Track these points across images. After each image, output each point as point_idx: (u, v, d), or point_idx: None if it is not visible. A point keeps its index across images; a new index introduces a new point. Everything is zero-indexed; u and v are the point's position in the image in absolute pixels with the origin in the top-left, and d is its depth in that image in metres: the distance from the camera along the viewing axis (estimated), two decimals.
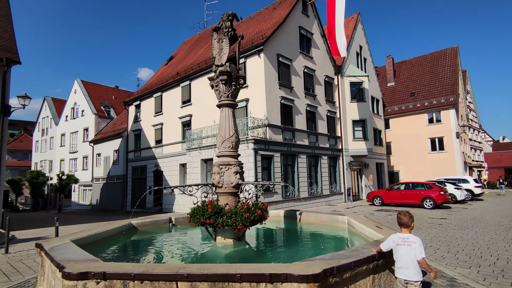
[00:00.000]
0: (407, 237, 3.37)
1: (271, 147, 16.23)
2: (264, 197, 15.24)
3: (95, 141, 30.51)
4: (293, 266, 3.14)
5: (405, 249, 3.33)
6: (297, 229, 7.57)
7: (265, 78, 16.57)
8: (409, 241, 3.32)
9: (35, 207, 35.99)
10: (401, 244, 3.37)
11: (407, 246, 3.32)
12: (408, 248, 3.30)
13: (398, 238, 3.42)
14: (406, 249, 3.32)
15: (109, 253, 5.26)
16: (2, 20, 16.51)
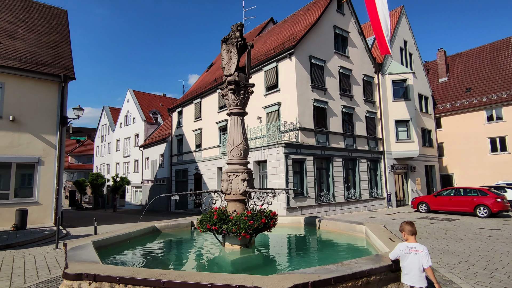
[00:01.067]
0: (414, 246, 3.44)
1: (303, 150, 15.99)
2: (296, 201, 15.07)
3: (144, 146, 32.90)
4: (267, 279, 3.13)
5: (412, 257, 3.40)
6: (313, 237, 7.40)
7: (297, 81, 16.41)
8: (416, 250, 3.40)
9: (96, 206, 39.88)
10: (408, 253, 3.44)
11: (414, 255, 3.40)
12: (416, 256, 3.38)
13: (405, 247, 3.49)
14: (413, 257, 3.40)
15: (123, 255, 5.67)
16: (62, 41, 18.72)
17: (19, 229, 12.70)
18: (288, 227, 8.37)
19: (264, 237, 7.37)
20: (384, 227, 6.36)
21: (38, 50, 16.73)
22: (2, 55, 14.83)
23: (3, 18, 17.55)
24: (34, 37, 17.59)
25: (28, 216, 13.62)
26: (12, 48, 15.71)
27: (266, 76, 18.42)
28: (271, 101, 17.64)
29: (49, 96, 15.54)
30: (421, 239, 9.49)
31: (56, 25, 19.79)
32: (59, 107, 15.70)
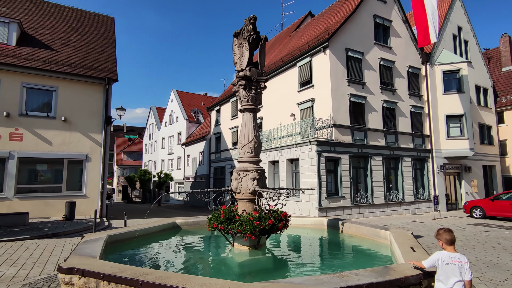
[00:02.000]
0: (458, 257, 3.12)
1: (338, 148, 15.20)
2: (329, 201, 14.40)
3: (185, 144, 34.22)
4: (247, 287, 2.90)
5: (452, 268, 3.07)
6: (333, 241, 6.91)
7: (331, 75, 15.63)
8: (460, 261, 3.08)
9: (144, 200, 42.59)
10: (450, 264, 3.10)
11: (455, 266, 3.07)
12: (457, 268, 3.06)
13: (447, 257, 3.13)
14: (453, 268, 3.07)
15: (135, 251, 5.78)
16: (108, 46, 20.13)
17: (68, 220, 13.94)
18: (310, 228, 7.97)
19: (280, 238, 7.08)
20: (412, 234, 5.68)
21: (86, 55, 18.18)
22: (56, 62, 16.36)
23: (59, 28, 19.38)
24: (84, 43, 19.16)
25: (77, 208, 14.89)
26: (64, 55, 17.26)
27: (300, 72, 17.87)
28: (305, 98, 17.07)
29: (95, 98, 16.79)
30: (465, 249, 8.40)
31: (103, 31, 21.35)
32: (104, 108, 16.91)
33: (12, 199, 14.38)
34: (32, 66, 15.38)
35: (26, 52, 15.98)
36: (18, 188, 14.66)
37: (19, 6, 19.42)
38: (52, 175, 15.75)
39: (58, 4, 21.78)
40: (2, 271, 6.44)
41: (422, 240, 9.76)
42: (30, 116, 15.25)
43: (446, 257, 3.13)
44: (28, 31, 17.54)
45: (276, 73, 19.83)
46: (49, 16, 19.99)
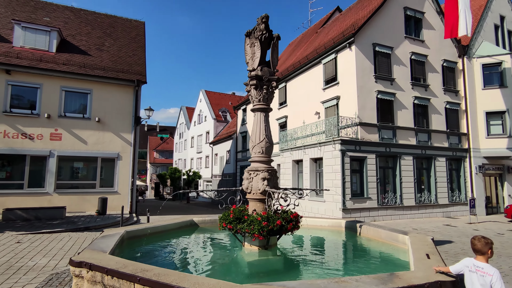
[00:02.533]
0: (482, 267, 2.95)
1: (363, 147, 14.67)
2: (353, 202, 13.96)
3: (213, 143, 34.90)
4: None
5: (477, 279, 2.93)
6: (349, 244, 6.70)
7: (357, 72, 15.12)
8: (484, 272, 2.91)
9: (174, 197, 44.08)
10: (472, 272, 2.99)
11: (480, 276, 2.92)
12: (481, 279, 2.90)
13: (471, 264, 3.03)
14: (477, 279, 2.92)
15: (149, 247, 5.97)
16: (138, 50, 21.05)
17: (100, 214, 14.81)
18: (328, 230, 7.78)
19: (294, 240, 6.99)
20: (432, 240, 5.34)
21: (118, 59, 19.14)
22: (91, 66, 17.40)
23: (95, 34, 20.59)
24: (116, 48, 20.19)
25: (109, 204, 15.77)
26: (99, 59, 18.31)
27: (324, 69, 17.48)
28: (330, 95, 16.67)
29: (126, 99, 17.64)
30: (500, 257, 7.75)
31: (135, 35, 22.35)
32: (133, 108, 17.72)
33: (52, 194, 15.55)
34: (70, 70, 16.49)
35: (65, 58, 17.16)
36: (57, 184, 15.82)
37: (60, 15, 20.90)
38: (88, 172, 16.81)
39: (94, 12, 23.15)
40: (35, 260, 6.99)
41: (452, 246, 9.16)
42: (68, 117, 16.37)
43: (470, 264, 3.03)
44: (67, 38, 18.82)
45: (301, 71, 19.57)
46: (85, 23, 21.30)
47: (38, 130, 15.66)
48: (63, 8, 21.93)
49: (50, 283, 5.42)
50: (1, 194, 14.70)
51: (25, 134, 15.42)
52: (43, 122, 15.76)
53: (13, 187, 15.10)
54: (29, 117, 15.56)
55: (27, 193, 15.14)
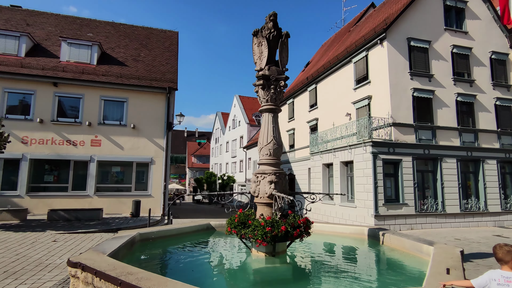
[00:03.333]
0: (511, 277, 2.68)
1: (398, 150, 13.65)
2: (387, 208, 13.01)
3: (247, 147, 35.10)
4: None
5: None
6: (369, 254, 6.16)
7: (389, 69, 14.20)
8: None
9: (210, 201, 45.04)
10: (503, 284, 2.70)
11: None
12: None
13: (499, 276, 2.74)
14: None
15: (157, 250, 5.97)
16: (171, 58, 21.94)
17: (134, 216, 15.50)
18: (350, 238, 7.27)
19: (309, 246, 6.62)
20: (461, 252, 4.69)
21: (152, 68, 20.09)
22: (127, 76, 18.46)
23: (132, 46, 21.87)
24: (151, 58, 21.24)
25: (143, 206, 16.43)
26: (134, 69, 19.37)
27: (355, 68, 16.70)
28: (361, 95, 15.86)
29: (159, 106, 18.39)
30: None
31: (168, 45, 23.35)
32: (166, 115, 18.42)
33: (92, 197, 16.64)
34: (108, 81, 17.63)
35: (104, 69, 18.42)
36: (97, 187, 16.91)
37: (102, 30, 22.55)
38: (124, 176, 17.76)
39: (132, 25, 24.63)
40: (63, 259, 7.41)
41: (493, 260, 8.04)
42: (106, 125, 17.48)
43: (498, 276, 2.72)
44: (107, 51, 20.21)
45: (331, 72, 18.92)
46: (124, 36, 22.73)
47: (80, 137, 16.91)
48: (105, 24, 23.65)
49: (68, 281, 5.68)
50: (49, 196, 16.07)
51: (69, 141, 16.74)
52: (84, 130, 16.99)
53: (59, 190, 16.43)
54: (73, 125, 16.88)
55: (71, 195, 16.37)
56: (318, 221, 16.92)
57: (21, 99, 16.62)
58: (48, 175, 16.66)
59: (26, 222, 13.07)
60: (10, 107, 16.38)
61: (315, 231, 7.81)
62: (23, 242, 9.25)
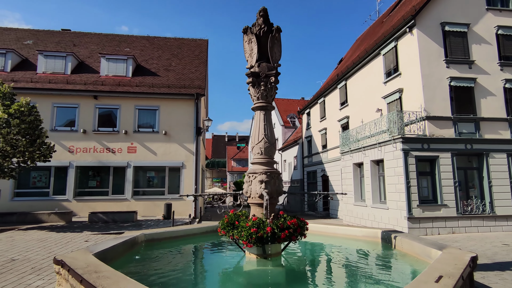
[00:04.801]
0: None
1: (434, 145, 12.43)
2: (422, 210, 11.88)
3: (282, 149, 34.79)
4: None
5: None
6: (377, 259, 5.65)
7: (421, 59, 13.06)
8: None
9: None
10: None
11: None
12: None
13: None
14: None
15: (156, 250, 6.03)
16: (200, 65, 22.63)
17: (165, 219, 16.15)
18: (363, 241, 6.75)
19: (316, 249, 6.29)
20: (472, 259, 4.07)
21: (182, 76, 20.92)
22: (158, 85, 19.45)
23: (164, 57, 23.03)
24: (181, 67, 22.15)
25: (176, 209, 17.05)
26: (165, 79, 20.34)
27: (385, 61, 15.66)
28: (391, 89, 14.81)
29: (188, 112, 19.04)
30: None
31: (198, 53, 24.16)
32: (194, 120, 19.01)
33: (130, 200, 17.72)
34: (141, 91, 18.75)
35: (138, 81, 19.63)
36: (134, 191, 17.98)
37: (138, 45, 24.11)
38: (158, 181, 18.65)
39: (165, 37, 25.96)
40: None
41: None
42: (140, 132, 18.56)
43: None
44: (141, 63, 21.53)
45: (361, 66, 17.98)
46: (157, 48, 24.04)
47: (118, 144, 18.15)
48: (141, 38, 25.26)
49: None
50: (92, 200, 17.47)
51: (109, 149, 18.06)
52: (121, 138, 18.21)
53: (101, 194, 17.79)
54: (111, 134, 18.19)
55: (111, 199, 17.61)
56: (351, 223, 16.06)
57: (68, 112, 18.36)
58: (91, 181, 18.14)
59: (70, 223, 14.33)
60: (59, 120, 18.18)
61: (328, 233, 7.45)
62: (60, 241, 10.11)
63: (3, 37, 22.57)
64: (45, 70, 19.29)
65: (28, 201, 16.74)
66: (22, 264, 7.25)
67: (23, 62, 20.01)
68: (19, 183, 17.18)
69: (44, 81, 18.44)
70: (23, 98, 12.94)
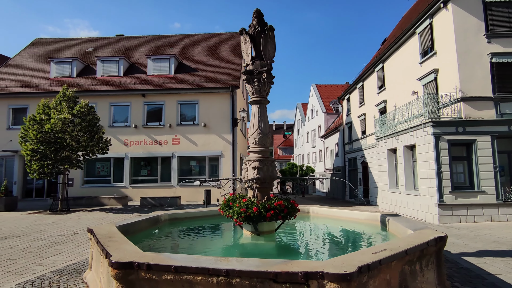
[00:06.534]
0: None
1: (470, 128, 11.61)
2: (455, 197, 11.31)
3: (324, 136, 34.47)
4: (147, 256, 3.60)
5: None
6: (359, 237, 5.99)
7: (456, 35, 12.14)
8: None
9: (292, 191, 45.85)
10: None
11: None
12: None
13: None
14: None
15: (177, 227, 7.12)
16: (237, 59, 23.51)
17: (205, 203, 17.68)
18: (364, 223, 7.07)
19: (317, 230, 6.87)
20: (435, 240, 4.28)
21: (219, 70, 22.08)
22: (198, 80, 20.89)
23: (203, 53, 24.43)
24: (219, 61, 23.31)
25: (215, 195, 18.53)
26: (204, 74, 21.72)
27: (420, 40, 14.76)
28: (427, 70, 14.00)
29: (225, 104, 20.19)
30: None
31: (235, 46, 25.06)
32: (231, 112, 20.10)
33: (176, 187, 19.66)
34: (182, 87, 20.37)
35: (179, 78, 21.31)
36: (179, 179, 19.87)
37: (180, 43, 25.88)
38: (199, 169, 20.30)
39: (205, 34, 27.37)
40: None
41: None
42: (183, 125, 20.28)
43: None
44: (183, 61, 23.20)
45: (397, 47, 17.11)
46: (197, 45, 25.53)
47: (164, 137, 20.13)
48: (182, 37, 27.02)
49: None
50: (144, 187, 19.79)
51: (156, 141, 20.14)
52: (166, 131, 20.13)
53: (151, 181, 20.04)
54: (158, 128, 20.21)
55: (160, 186, 19.74)
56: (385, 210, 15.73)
57: (122, 110, 20.83)
58: (143, 170, 20.50)
59: (125, 206, 16.60)
60: (115, 117, 20.75)
61: (333, 216, 7.87)
62: (114, 220, 12.02)
63: (70, 47, 26.11)
64: (102, 73, 22.00)
65: (94, 188, 19.64)
66: (81, 236, 9.00)
67: (85, 68, 23.04)
68: (87, 173, 20.20)
69: (102, 83, 21.12)
70: (83, 100, 15.24)
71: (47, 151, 13.87)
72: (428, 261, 4.28)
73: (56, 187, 19.25)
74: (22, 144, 14.14)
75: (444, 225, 10.90)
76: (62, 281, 5.01)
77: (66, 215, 13.64)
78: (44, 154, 13.90)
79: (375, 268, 3.29)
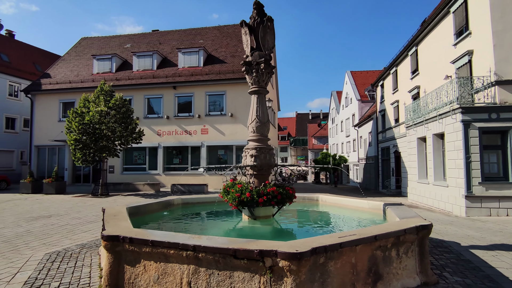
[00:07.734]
0: None
1: (505, 115, 10.62)
2: (486, 188, 10.54)
3: (358, 125, 33.35)
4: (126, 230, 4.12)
5: None
6: (358, 225, 6.01)
7: (492, 12, 11.06)
8: None
9: (326, 181, 45.20)
10: None
11: None
12: None
13: None
14: None
15: (185, 210, 7.68)
16: None
17: None
18: (368, 212, 7.05)
19: (319, 216, 7.04)
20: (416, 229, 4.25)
21: None
22: (224, 72, 21.38)
23: (231, 44, 24.81)
24: None
25: None
26: (231, 65, 22.13)
27: (454, 19, 13.65)
28: (461, 52, 12.97)
29: None
30: None
31: None
32: None
33: (204, 175, 20.59)
34: (210, 78, 21.02)
35: (208, 69, 21.97)
36: (207, 167, 20.73)
37: (209, 35, 26.52)
38: (227, 158, 20.98)
39: (234, 24, 27.64)
40: None
41: None
42: (211, 116, 21.02)
43: None
44: (211, 53, 23.81)
45: (430, 28, 15.97)
46: (226, 36, 25.96)
47: (193, 127, 21.07)
48: (212, 29, 27.60)
49: None
50: (176, 174, 20.99)
51: (186, 131, 21.16)
52: (196, 121, 21.03)
53: (182, 169, 21.19)
54: (188, 118, 21.18)
55: (190, 174, 20.81)
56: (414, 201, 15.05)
57: (155, 102, 22.10)
58: (175, 158, 21.71)
59: (157, 192, 17.84)
60: (149, 109, 22.10)
61: (339, 205, 7.91)
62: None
63: (111, 44, 28.04)
64: (138, 68, 23.41)
65: (131, 175, 21.29)
66: None
67: (123, 63, 24.66)
68: (126, 161, 21.91)
69: (137, 77, 22.52)
70: (118, 94, 16.50)
71: (87, 141, 15.35)
72: (408, 248, 4.28)
73: (100, 173, 21.22)
74: (67, 134, 15.79)
75: (472, 217, 10.27)
76: (81, 253, 5.76)
77: (105, 198, 15.10)
78: (85, 143, 15.40)
79: (335, 250, 3.44)
